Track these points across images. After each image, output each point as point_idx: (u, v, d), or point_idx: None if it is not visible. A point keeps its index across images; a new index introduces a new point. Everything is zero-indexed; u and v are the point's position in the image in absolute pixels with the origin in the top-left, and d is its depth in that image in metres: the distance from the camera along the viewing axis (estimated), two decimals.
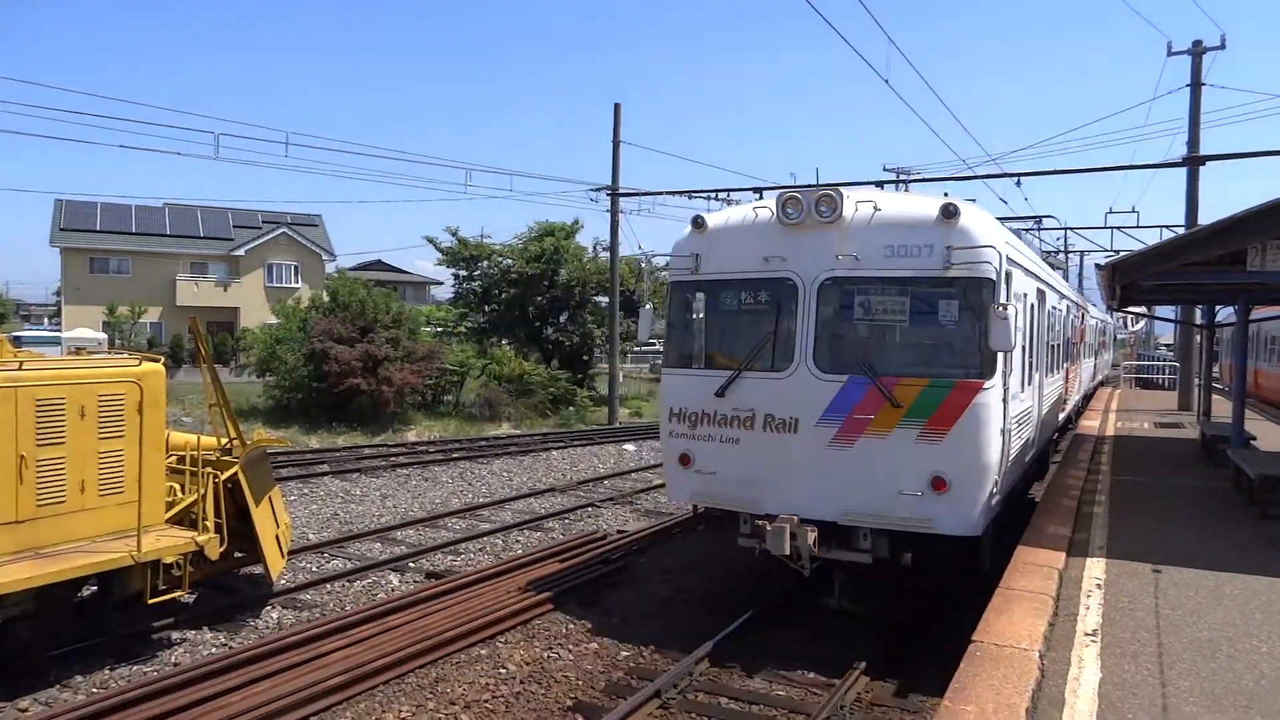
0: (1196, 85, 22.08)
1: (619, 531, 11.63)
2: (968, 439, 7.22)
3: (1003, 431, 7.48)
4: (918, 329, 7.67)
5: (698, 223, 8.48)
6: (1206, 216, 21.81)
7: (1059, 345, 13.44)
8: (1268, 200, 7.09)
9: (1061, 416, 15.26)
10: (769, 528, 7.33)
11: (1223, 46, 21.95)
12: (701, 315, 8.54)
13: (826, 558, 7.57)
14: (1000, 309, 7.00)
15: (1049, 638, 5.47)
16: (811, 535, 7.32)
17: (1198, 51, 22.01)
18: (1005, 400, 7.49)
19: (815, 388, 7.58)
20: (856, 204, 7.71)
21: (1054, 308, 12.40)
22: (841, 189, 7.79)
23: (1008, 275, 7.59)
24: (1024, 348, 8.74)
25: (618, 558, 10.12)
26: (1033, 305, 9.66)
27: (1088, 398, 22.92)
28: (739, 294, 8.29)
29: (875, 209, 7.68)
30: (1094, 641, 5.44)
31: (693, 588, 9.35)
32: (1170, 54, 22.42)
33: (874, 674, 6.99)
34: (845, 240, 7.65)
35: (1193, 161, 21.50)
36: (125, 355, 7.85)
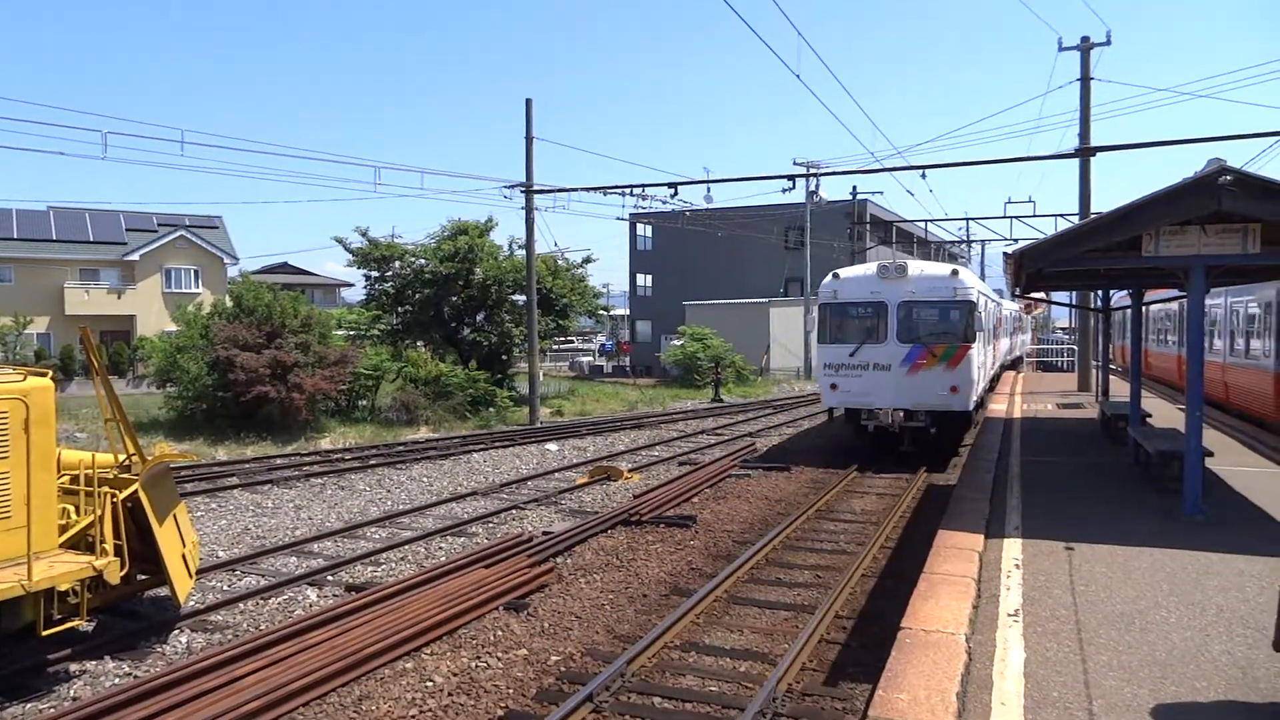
0: (1086, 80, 23.10)
1: (545, 533, 11.47)
2: (964, 369, 16.23)
3: (979, 366, 17.07)
4: (941, 323, 16.66)
5: (836, 275, 17.75)
6: (1098, 205, 22.84)
7: (994, 328, 23.29)
8: (1163, 188, 7.41)
9: (998, 364, 26.64)
10: (879, 413, 16.58)
11: (1108, 42, 23.02)
12: (841, 319, 17.44)
13: (903, 425, 16.47)
14: (975, 316, 16.50)
15: (974, 620, 5.59)
16: (898, 415, 16.43)
17: (1086, 47, 23.02)
18: (978, 353, 16.95)
19: (898, 349, 16.60)
20: (911, 268, 17.01)
21: (991, 310, 21.87)
22: (907, 261, 17.53)
23: (977, 299, 16.94)
24: (981, 330, 17.79)
25: (544, 560, 9.98)
26: (984, 311, 18.49)
27: (1003, 369, 30.42)
28: (858, 309, 17.24)
29: (921, 270, 17.20)
30: (1016, 622, 5.58)
31: (620, 587, 9.28)
32: (1061, 49, 23.39)
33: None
34: (908, 284, 16.73)
35: (1084, 153, 22.50)
36: (9, 370, 7.30)
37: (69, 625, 6.72)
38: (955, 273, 17.00)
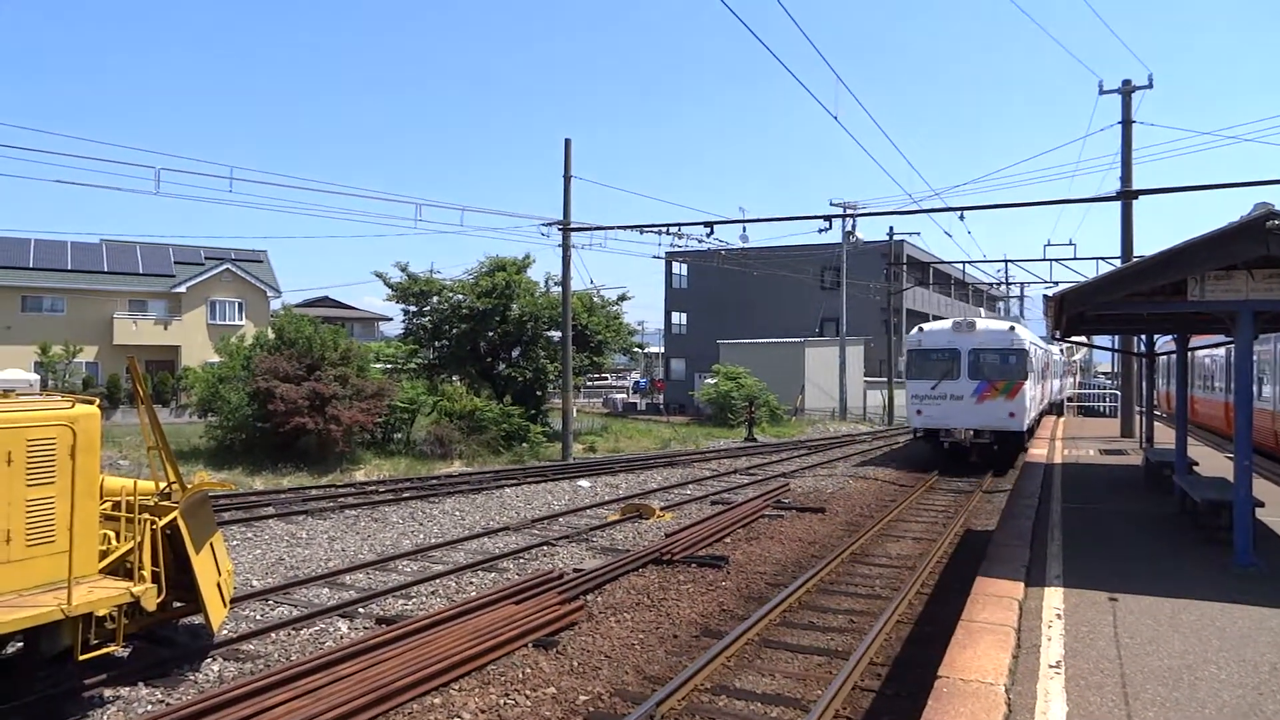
0: (1127, 122, 22.94)
1: (575, 570, 11.41)
2: (1020, 400, 22.25)
3: (1031, 398, 23.38)
4: (1001, 365, 22.53)
5: (921, 329, 23.97)
6: (1140, 249, 22.56)
7: (1043, 370, 28.82)
8: (1208, 232, 7.30)
9: (1046, 401, 32.19)
10: (955, 432, 22.69)
11: (1150, 85, 22.87)
12: (924, 362, 23.18)
13: (973, 441, 22.43)
14: (1027, 360, 22.82)
15: (1014, 671, 5.44)
16: (969, 434, 22.50)
17: (1127, 90, 22.89)
18: (1030, 388, 22.98)
19: (969, 384, 22.43)
20: (979, 324, 23.40)
21: (1040, 355, 27.31)
22: (974, 319, 24.14)
23: (1028, 347, 23.03)
24: (1032, 371, 23.55)
25: (575, 597, 9.92)
26: (1034, 357, 24.22)
27: (1049, 408, 34.00)
28: (938, 354, 22.99)
29: (986, 325, 23.63)
30: (1058, 674, 5.41)
31: (651, 626, 9.18)
32: (1102, 92, 23.29)
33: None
34: (976, 336, 22.84)
35: (1125, 196, 22.25)
36: (58, 397, 7.48)
37: (105, 651, 6.79)
38: (1012, 328, 23.83)
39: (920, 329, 24.19)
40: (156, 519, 7.30)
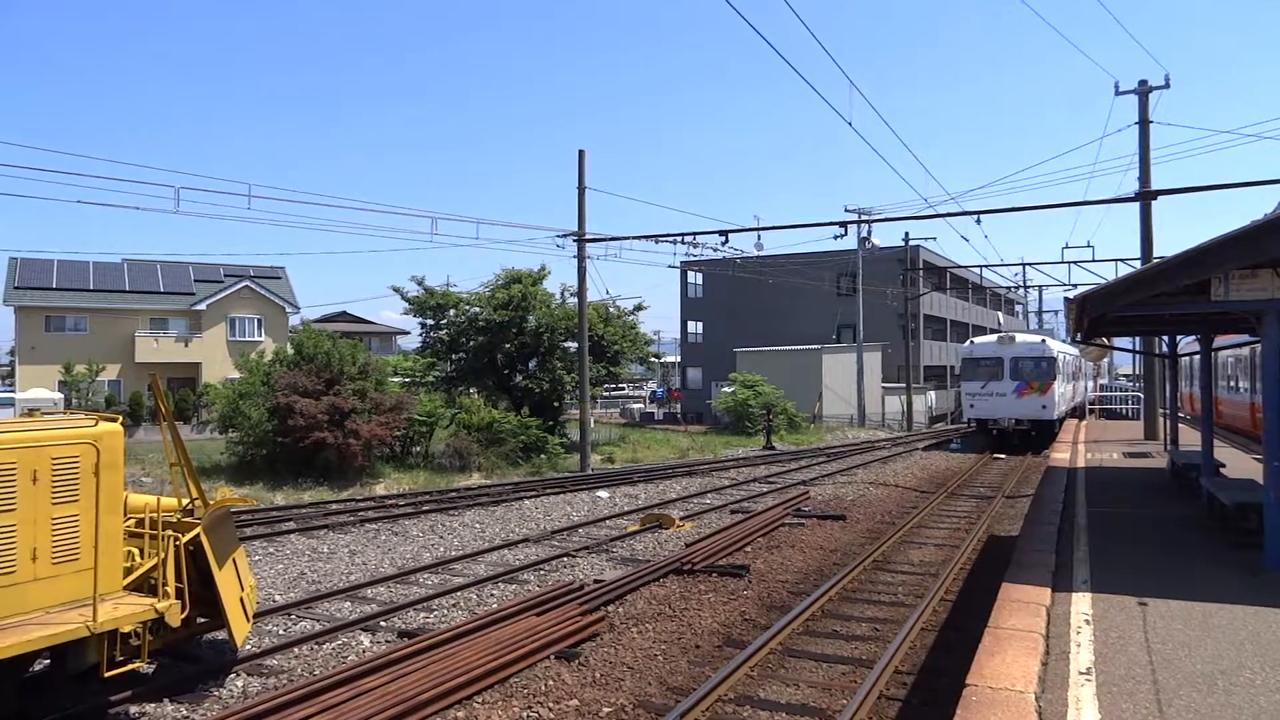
0: (1144, 123, 22.76)
1: (596, 581, 11.38)
2: (1050, 395, 30.15)
3: (1060, 395, 31.60)
4: (1035, 369, 30.38)
5: (973, 342, 33.19)
6: (1161, 250, 22.35)
7: (1072, 373, 36.59)
8: (1232, 230, 7.21)
9: (1078, 399, 38.83)
10: (1001, 421, 30.53)
11: (1167, 85, 22.71)
12: (976, 367, 31.38)
13: (1015, 428, 30.18)
14: (1056, 365, 30.65)
15: (1043, 678, 5.36)
16: (1011, 422, 30.31)
17: (1144, 91, 22.73)
18: (1059, 386, 31.08)
19: (1011, 384, 30.38)
20: (1018, 338, 32.08)
21: (1070, 360, 35.67)
22: (1015, 334, 33.44)
23: (1057, 355, 30.98)
24: (1062, 373, 31.91)
25: (596, 608, 9.88)
26: (1062, 362, 31.78)
27: (1072, 410, 37.69)
28: (986, 361, 31.13)
29: (1024, 339, 32.25)
30: (1089, 680, 5.33)
31: (673, 637, 9.13)
32: (1118, 93, 23.13)
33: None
34: (1016, 348, 30.99)
35: (1144, 196, 22.06)
36: (81, 415, 7.55)
37: (130, 667, 6.82)
38: (1044, 340, 31.86)
39: (972, 342, 33.61)
40: (180, 535, 7.34)
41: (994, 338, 32.22)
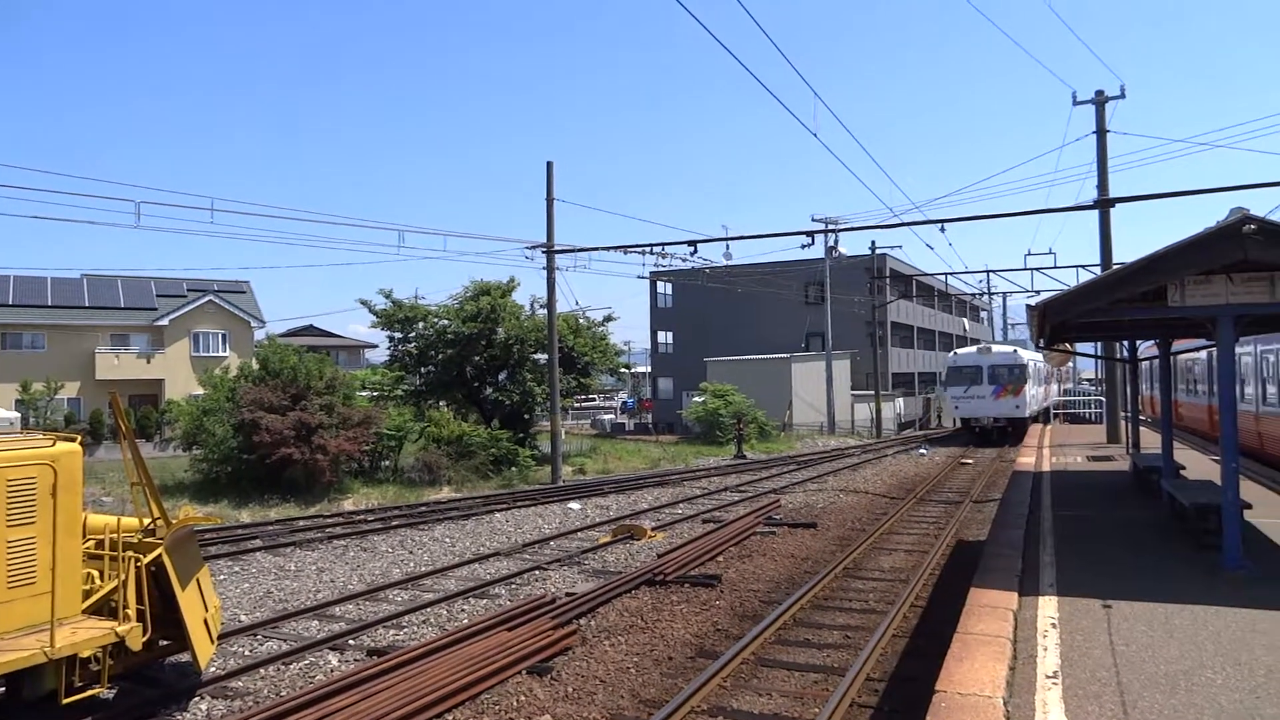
0: (1101, 132, 23.24)
1: (568, 594, 11.32)
2: (1023, 397, 35.91)
3: (1031, 396, 37.29)
4: (1009, 375, 35.91)
5: (956, 352, 39.90)
6: (1120, 256, 22.77)
7: (1043, 377, 42.10)
8: (1186, 237, 7.37)
9: (1048, 400, 45.03)
10: (981, 419, 36.38)
11: (1122, 95, 23.21)
12: (959, 372, 36.93)
13: (993, 425, 35.99)
14: (1026, 371, 36.29)
15: (1011, 683, 5.41)
16: (989, 420, 36.18)
17: (1100, 101, 23.21)
18: (1029, 389, 36.82)
19: (989, 388, 35.95)
20: (995, 348, 38.11)
21: (1041, 368, 40.90)
22: (992, 345, 39.98)
23: (1027, 363, 36.60)
24: (1032, 378, 37.35)
25: (568, 622, 9.83)
26: (1032, 369, 37.29)
27: (1041, 413, 41.95)
28: (968, 368, 36.67)
29: (1000, 349, 38.20)
30: (1055, 684, 5.39)
31: (645, 649, 9.10)
32: (1075, 103, 23.60)
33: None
34: (992, 357, 36.89)
35: (1103, 204, 22.52)
36: (39, 435, 7.38)
37: (90, 693, 6.66)
38: (1016, 350, 37.16)
39: (955, 352, 39.86)
40: (141, 556, 7.19)
41: (974, 348, 38.38)
